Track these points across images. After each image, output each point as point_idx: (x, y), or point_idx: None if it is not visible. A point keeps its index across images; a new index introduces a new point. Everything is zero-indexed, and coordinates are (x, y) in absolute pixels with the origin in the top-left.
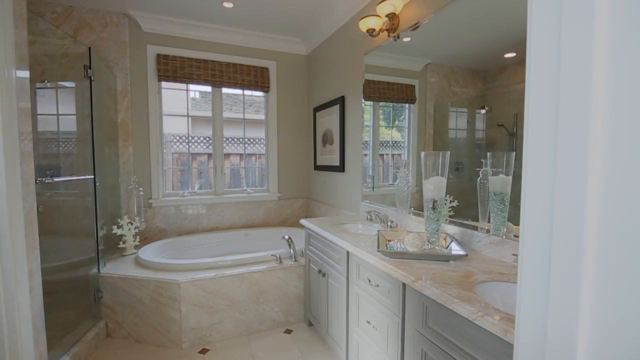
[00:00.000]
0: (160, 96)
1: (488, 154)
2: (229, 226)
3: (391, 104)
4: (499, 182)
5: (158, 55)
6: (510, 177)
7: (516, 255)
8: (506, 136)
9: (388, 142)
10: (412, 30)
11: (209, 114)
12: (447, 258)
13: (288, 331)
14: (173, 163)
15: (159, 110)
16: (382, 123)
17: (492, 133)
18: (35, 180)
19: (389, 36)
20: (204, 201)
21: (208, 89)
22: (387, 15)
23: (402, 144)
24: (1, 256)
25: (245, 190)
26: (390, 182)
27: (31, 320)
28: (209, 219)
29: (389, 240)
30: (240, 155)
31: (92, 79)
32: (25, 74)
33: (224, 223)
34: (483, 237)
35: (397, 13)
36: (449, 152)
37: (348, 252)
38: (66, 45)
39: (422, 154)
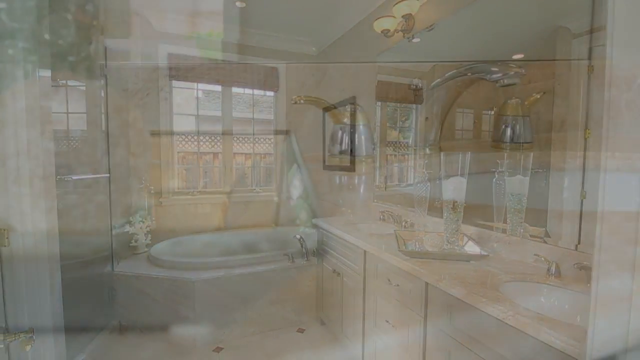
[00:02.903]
0: (171, 95)
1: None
2: (238, 225)
3: (398, 104)
4: (517, 183)
5: (169, 55)
6: (528, 178)
7: (538, 255)
8: None
9: (394, 142)
10: (428, 31)
11: (213, 112)
12: (469, 258)
13: (301, 330)
14: (178, 162)
15: (170, 109)
16: (387, 123)
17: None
18: (55, 178)
19: (403, 36)
20: (213, 200)
21: (214, 88)
22: (403, 16)
23: (407, 145)
24: (25, 254)
25: (254, 189)
26: (396, 183)
27: (52, 319)
28: (218, 218)
29: (407, 240)
30: (245, 154)
31: (107, 77)
32: (47, 72)
33: (233, 222)
34: (502, 238)
35: (413, 14)
36: (469, 153)
37: (365, 252)
38: (79, 43)
39: (442, 154)
